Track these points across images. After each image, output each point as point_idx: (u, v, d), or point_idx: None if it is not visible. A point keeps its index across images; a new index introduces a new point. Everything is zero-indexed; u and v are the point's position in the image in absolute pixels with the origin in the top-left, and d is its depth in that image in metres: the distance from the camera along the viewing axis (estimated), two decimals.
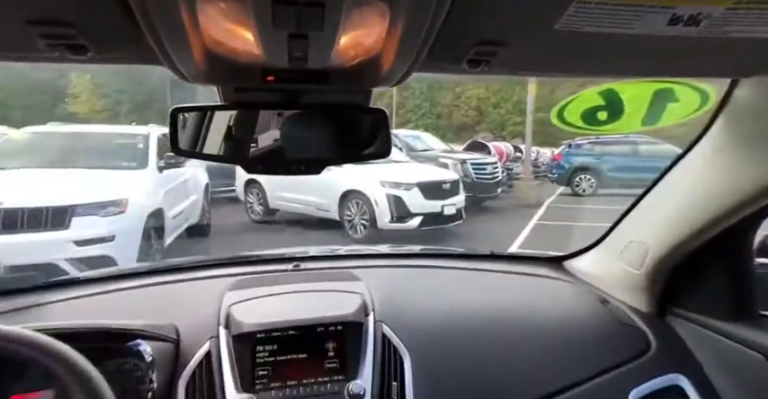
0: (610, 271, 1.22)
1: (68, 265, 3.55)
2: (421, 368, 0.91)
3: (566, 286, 1.27)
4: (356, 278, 1.11)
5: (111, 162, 4.62)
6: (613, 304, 1.17)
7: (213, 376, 0.83)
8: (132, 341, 0.81)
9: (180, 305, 1.00)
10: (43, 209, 3.57)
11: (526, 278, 1.29)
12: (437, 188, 6.09)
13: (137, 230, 3.98)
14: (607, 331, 1.08)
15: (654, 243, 1.05)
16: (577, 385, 0.96)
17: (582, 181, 10.86)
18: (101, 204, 3.81)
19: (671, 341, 1.07)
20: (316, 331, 0.91)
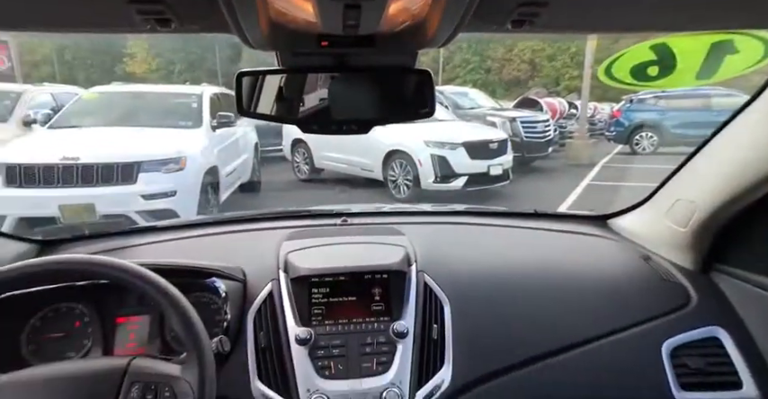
0: (655, 229, 1.22)
1: (138, 217, 3.88)
2: (460, 313, 0.98)
3: (608, 243, 1.28)
4: (400, 232, 1.18)
5: (169, 121, 4.86)
6: (656, 260, 1.18)
7: (276, 312, 0.95)
8: (209, 279, 0.94)
9: (244, 251, 1.11)
10: (114, 165, 3.87)
11: (568, 235, 1.31)
12: (483, 147, 5.96)
13: (195, 186, 4.24)
14: (647, 286, 1.10)
15: (702, 201, 1.05)
16: (611, 334, 1.00)
17: (642, 139, 10.14)
18: (162, 161, 4.07)
19: (712, 295, 1.08)
20: (363, 277, 1.00)
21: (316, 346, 0.91)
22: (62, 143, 4.22)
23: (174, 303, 0.69)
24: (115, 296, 0.94)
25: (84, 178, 3.79)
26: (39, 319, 0.91)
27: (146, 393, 0.64)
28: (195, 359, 0.67)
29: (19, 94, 5.77)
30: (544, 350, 0.97)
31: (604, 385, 0.96)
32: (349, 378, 0.88)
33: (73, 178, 3.77)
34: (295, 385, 0.87)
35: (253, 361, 0.90)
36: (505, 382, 0.93)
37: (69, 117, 4.87)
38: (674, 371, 0.96)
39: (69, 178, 3.76)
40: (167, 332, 0.94)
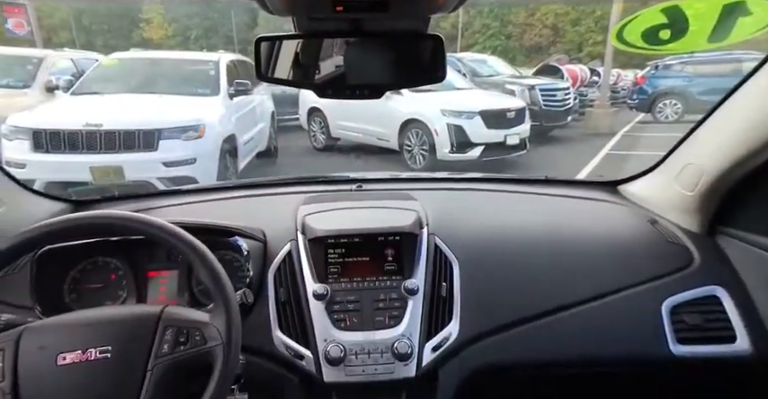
0: (664, 194, 1.24)
1: (159, 184, 3.99)
2: (468, 273, 1.03)
3: (617, 208, 1.31)
4: (413, 198, 1.22)
5: (187, 88, 4.88)
6: (663, 224, 1.21)
7: (295, 270, 1.01)
8: (232, 238, 1.00)
9: (264, 214, 1.17)
10: (135, 132, 3.95)
11: (578, 201, 1.34)
12: (501, 116, 5.87)
13: (214, 154, 4.31)
14: (652, 248, 1.13)
15: (709, 165, 1.06)
16: (614, 293, 1.04)
17: (665, 107, 9.72)
18: (182, 128, 4.13)
19: (715, 257, 1.11)
20: (377, 239, 1.04)
21: (332, 301, 0.97)
22: (85, 109, 4.31)
23: (202, 257, 0.75)
24: (146, 252, 1.01)
25: (107, 144, 3.89)
26: (78, 271, 0.99)
27: (179, 336, 0.71)
28: (222, 307, 0.74)
29: (40, 60, 5.85)
30: (548, 307, 1.02)
31: (604, 340, 1.01)
32: (363, 330, 0.95)
33: (97, 144, 3.87)
34: (313, 335, 0.94)
35: (274, 313, 0.97)
36: (509, 336, 0.99)
37: (91, 83, 4.94)
38: (672, 327, 1.01)
39: (93, 144, 3.87)
40: (194, 286, 1.01)
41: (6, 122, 3.94)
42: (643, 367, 1.03)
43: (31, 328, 0.70)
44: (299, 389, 0.93)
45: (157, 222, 0.75)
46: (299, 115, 7.36)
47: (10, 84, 5.60)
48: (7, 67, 5.86)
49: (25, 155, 3.76)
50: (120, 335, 0.70)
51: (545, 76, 9.43)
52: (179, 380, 0.71)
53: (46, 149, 3.82)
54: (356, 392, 0.94)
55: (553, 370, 1.03)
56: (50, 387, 0.66)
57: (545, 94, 7.71)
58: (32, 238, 0.73)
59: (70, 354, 0.67)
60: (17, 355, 0.67)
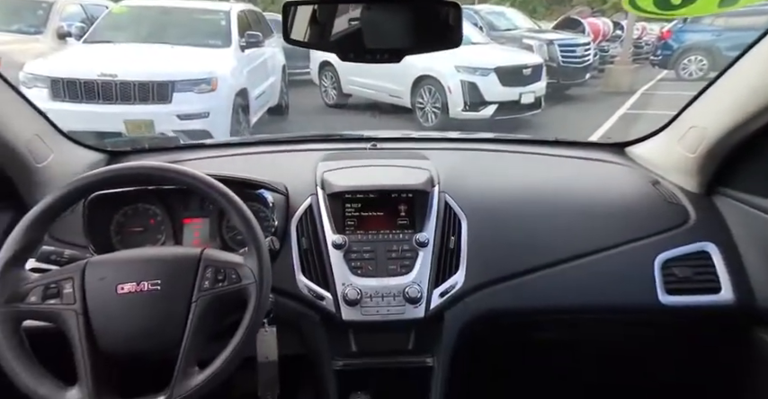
0: (668, 156, 1.29)
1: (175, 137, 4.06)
2: (475, 228, 1.11)
3: (622, 169, 1.36)
4: (425, 157, 1.28)
5: (198, 39, 4.82)
6: (664, 185, 1.27)
7: (315, 221, 1.10)
8: (258, 190, 1.08)
9: (285, 170, 1.24)
10: (149, 84, 3.97)
11: (585, 162, 1.39)
12: (516, 73, 5.73)
13: (227, 108, 4.32)
14: (651, 207, 1.19)
15: (711, 128, 1.10)
16: (611, 248, 1.12)
17: (690, 64, 9.28)
18: (195, 81, 4.13)
19: (710, 215, 1.17)
20: (391, 196, 1.12)
21: (349, 250, 1.06)
22: (99, 59, 4.31)
23: (234, 205, 0.83)
24: (180, 200, 1.10)
25: (123, 95, 3.92)
26: (121, 215, 1.09)
27: (217, 275, 0.80)
28: (254, 251, 0.83)
29: (50, 5, 5.74)
30: (548, 260, 1.10)
31: (598, 291, 1.10)
32: (377, 277, 1.05)
33: (113, 95, 3.91)
34: (332, 279, 1.04)
35: (297, 260, 1.07)
36: (511, 285, 1.08)
37: (102, 31, 4.89)
38: (662, 279, 1.09)
39: (109, 94, 3.91)
40: (225, 233, 1.11)
41: (24, 69, 3.97)
42: (632, 315, 1.12)
43: (92, 262, 0.80)
44: (320, 325, 1.05)
45: (193, 173, 0.83)
46: (310, 69, 7.23)
47: (22, 30, 5.56)
48: (18, 12, 5.79)
49: (44, 104, 3.81)
50: (167, 271, 0.79)
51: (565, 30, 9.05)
52: (219, 312, 0.81)
53: (64, 98, 3.88)
54: (371, 329, 1.06)
55: (549, 316, 1.14)
56: (112, 312, 0.76)
57: (564, 50, 7.45)
58: (87, 185, 0.81)
59: (127, 285, 0.77)
60: (84, 283, 0.77)
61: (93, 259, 0.82)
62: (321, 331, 1.05)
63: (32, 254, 0.81)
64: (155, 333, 0.77)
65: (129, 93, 3.94)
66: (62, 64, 4.20)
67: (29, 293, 0.76)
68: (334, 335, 1.07)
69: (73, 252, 0.88)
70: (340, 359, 1.08)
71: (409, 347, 1.09)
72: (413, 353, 1.09)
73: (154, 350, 0.78)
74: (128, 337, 0.77)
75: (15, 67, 3.98)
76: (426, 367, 1.07)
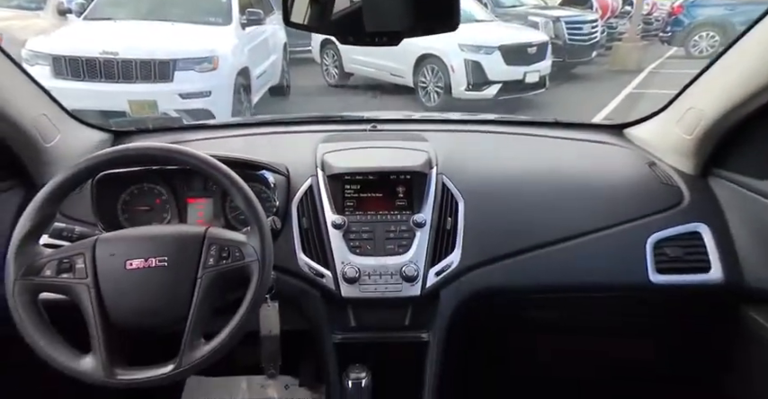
0: (665, 138, 1.31)
1: (177, 116, 4.07)
2: (472, 209, 1.14)
3: (619, 151, 1.38)
4: (424, 139, 1.30)
5: (199, 16, 4.76)
6: (660, 167, 1.28)
7: (315, 202, 1.13)
8: (259, 171, 1.11)
9: (285, 151, 1.26)
10: (151, 62, 3.95)
11: (583, 143, 1.41)
12: (521, 52, 5.64)
13: (228, 87, 4.31)
14: (646, 189, 1.22)
15: (709, 110, 1.11)
16: (604, 229, 1.15)
17: (701, 40, 9.00)
18: (196, 60, 4.11)
19: (704, 197, 1.20)
20: (389, 177, 1.14)
21: (348, 230, 1.10)
22: (100, 36, 4.28)
23: (237, 186, 0.86)
24: (184, 181, 1.13)
25: (125, 74, 3.91)
26: (128, 194, 1.12)
27: (221, 252, 0.84)
28: (256, 230, 0.86)
29: None
30: (543, 241, 1.13)
31: (590, 270, 1.13)
32: (375, 256, 1.08)
33: (115, 73, 3.90)
34: (332, 258, 1.07)
35: (298, 239, 1.10)
36: (505, 265, 1.12)
37: (102, 8, 4.83)
38: (654, 259, 1.12)
39: (111, 73, 3.90)
40: (228, 213, 1.15)
41: (26, 47, 3.95)
42: (623, 292, 1.15)
43: (102, 238, 0.84)
44: (320, 301, 1.09)
45: (197, 154, 0.85)
46: (312, 47, 7.12)
47: (22, 5, 5.50)
48: None
49: (47, 82, 3.80)
50: (173, 248, 0.83)
51: (573, 6, 8.82)
52: (223, 288, 0.85)
53: (66, 76, 3.87)
54: (369, 305, 1.10)
55: (541, 295, 1.17)
56: (122, 286, 0.80)
57: (570, 27, 7.28)
58: (96, 164, 0.84)
59: (135, 261, 0.81)
60: (94, 259, 0.81)
61: (103, 236, 0.85)
62: (321, 306, 1.09)
63: (46, 230, 0.85)
64: (162, 307, 0.81)
65: (131, 72, 3.93)
66: (64, 41, 4.17)
67: (43, 267, 0.80)
68: (334, 311, 1.12)
69: (83, 229, 0.93)
70: (339, 333, 1.12)
71: (406, 323, 1.14)
72: (409, 329, 1.14)
73: (162, 323, 0.83)
74: (137, 310, 0.81)
75: (17, 44, 3.97)
76: (422, 342, 1.12)
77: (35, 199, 0.81)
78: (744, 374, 1.21)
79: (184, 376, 0.79)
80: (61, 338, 0.80)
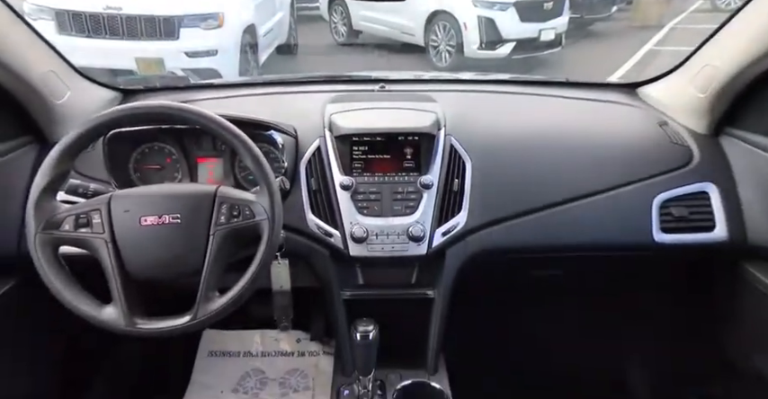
0: (679, 97, 1.28)
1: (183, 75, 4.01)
2: (479, 170, 1.14)
3: (631, 110, 1.36)
4: (433, 99, 1.28)
5: None
6: (672, 126, 1.27)
7: (323, 163, 1.13)
8: (268, 132, 1.11)
9: (293, 111, 1.26)
10: (155, 18, 3.85)
11: (594, 103, 1.38)
12: (537, 8, 5.38)
13: (235, 45, 4.21)
14: (656, 149, 1.21)
15: (724, 67, 1.09)
16: (611, 189, 1.15)
17: None
18: (201, 16, 3.99)
19: (714, 156, 1.19)
20: (397, 139, 1.14)
21: (356, 191, 1.11)
22: None
23: (246, 146, 0.87)
24: (194, 140, 1.14)
25: (129, 30, 3.83)
26: (139, 153, 1.14)
27: (232, 211, 0.86)
28: (266, 189, 0.87)
29: None
30: (550, 201, 1.14)
31: (595, 230, 1.14)
32: (383, 216, 1.10)
33: (119, 29, 3.83)
34: (340, 218, 1.09)
35: (306, 199, 1.12)
36: (511, 225, 1.13)
37: None
38: (659, 219, 1.13)
39: (115, 29, 3.82)
40: (237, 173, 1.16)
41: (28, 0, 3.87)
42: (626, 252, 1.17)
43: (116, 195, 0.86)
44: (329, 260, 1.12)
45: (207, 114, 0.86)
46: (319, 4, 6.87)
47: None
48: None
49: (52, 38, 3.71)
50: (186, 206, 0.85)
51: None
52: (235, 245, 0.88)
53: (71, 32, 3.80)
54: (376, 264, 1.13)
55: (546, 254, 1.19)
56: (138, 242, 0.83)
57: None
58: (109, 121, 0.85)
59: (150, 218, 0.83)
60: (110, 215, 0.83)
61: (117, 193, 0.87)
62: (330, 265, 1.12)
63: (61, 187, 0.87)
64: (177, 262, 0.85)
65: (135, 28, 3.85)
66: None
67: (62, 222, 0.83)
68: (343, 269, 1.15)
69: (97, 186, 0.95)
70: (348, 290, 1.17)
71: (412, 281, 1.18)
72: (415, 286, 1.17)
73: (177, 277, 0.86)
74: (153, 265, 0.84)
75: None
76: (427, 298, 1.16)
77: (49, 155, 0.83)
78: (740, 327, 1.24)
79: (200, 326, 0.84)
80: (83, 289, 0.84)
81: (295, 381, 1.70)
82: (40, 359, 1.27)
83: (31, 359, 1.23)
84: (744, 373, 1.23)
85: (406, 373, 1.19)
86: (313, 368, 1.74)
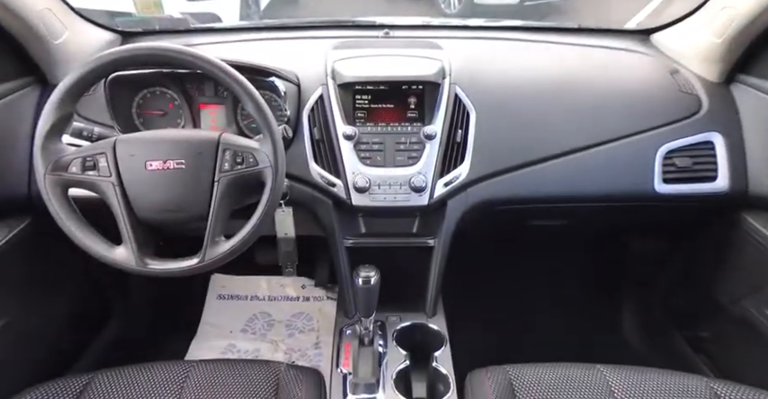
0: (693, 42, 1.25)
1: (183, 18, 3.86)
2: (484, 121, 1.13)
3: (641, 58, 1.32)
4: (439, 47, 1.24)
5: None
6: (683, 74, 1.24)
7: (326, 112, 1.12)
8: (270, 78, 1.09)
9: (295, 58, 1.22)
10: None
11: (605, 51, 1.34)
12: None
13: None
14: (664, 98, 1.18)
15: (744, 7, 1.05)
16: (616, 139, 1.14)
17: None
18: None
19: (724, 105, 1.17)
20: (401, 88, 1.12)
21: (359, 141, 1.11)
22: None
23: (247, 91, 0.86)
24: (195, 85, 1.13)
25: None
26: (141, 98, 1.13)
27: (235, 157, 0.86)
28: (268, 136, 0.87)
29: None
30: (554, 152, 1.14)
31: (597, 181, 1.14)
32: (385, 167, 1.10)
33: None
34: (343, 168, 1.10)
35: (309, 149, 1.12)
36: (514, 176, 1.13)
37: None
38: (662, 169, 1.13)
39: None
40: (240, 121, 1.16)
41: None
42: (627, 202, 1.17)
43: (121, 139, 0.87)
44: (332, 209, 1.14)
45: (209, 58, 0.84)
46: None
47: None
48: None
49: None
50: (190, 152, 0.86)
51: None
52: (239, 191, 0.90)
53: None
54: (379, 214, 1.15)
55: (547, 205, 1.19)
56: (144, 185, 0.85)
57: None
58: (111, 61, 0.83)
59: (155, 162, 0.85)
60: (116, 159, 0.85)
61: (122, 137, 0.88)
62: (333, 214, 1.14)
63: (66, 128, 0.87)
64: (183, 207, 0.87)
65: None
66: None
67: (69, 164, 0.84)
68: (345, 218, 1.18)
69: (101, 130, 0.96)
70: (350, 238, 1.20)
71: (413, 231, 1.20)
72: (416, 236, 1.20)
73: (184, 220, 0.89)
74: (160, 209, 0.86)
75: None
76: (428, 247, 1.19)
77: (51, 97, 0.82)
78: (733, 274, 1.27)
79: (208, 268, 0.87)
80: (95, 230, 0.87)
81: (300, 323, 1.80)
82: (56, 297, 1.34)
83: (47, 295, 1.30)
84: (732, 317, 1.28)
85: (406, 316, 1.25)
86: (317, 312, 1.83)
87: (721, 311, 1.32)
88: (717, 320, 1.39)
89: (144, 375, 0.93)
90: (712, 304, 1.35)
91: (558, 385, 0.90)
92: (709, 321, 1.44)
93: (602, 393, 0.88)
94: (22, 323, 1.18)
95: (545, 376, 0.91)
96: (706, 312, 1.44)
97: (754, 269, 1.16)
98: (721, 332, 1.39)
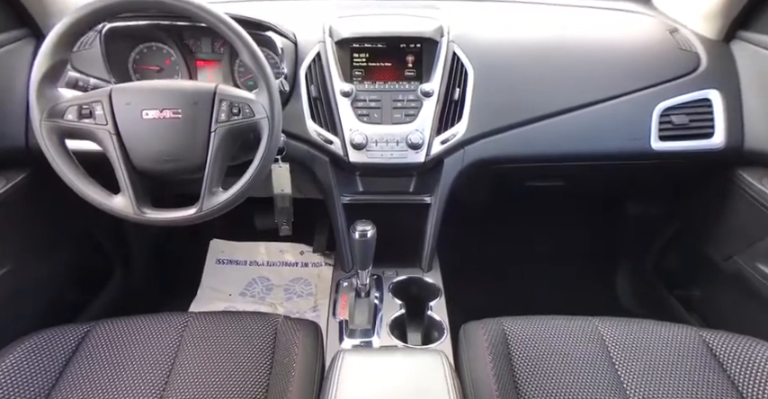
0: (694, 1, 1.24)
1: None
2: (481, 79, 1.13)
3: (641, 18, 1.32)
4: (437, 7, 1.24)
5: None
6: (682, 33, 1.24)
7: (323, 70, 1.12)
8: (267, 32, 1.08)
9: (293, 17, 1.21)
10: None
11: (605, 12, 1.34)
12: None
13: None
14: (663, 56, 1.18)
15: None
16: (614, 98, 1.14)
17: None
18: None
19: (722, 62, 1.17)
20: (399, 46, 1.11)
21: (356, 99, 1.11)
22: None
23: (244, 40, 0.85)
24: (192, 41, 1.12)
25: None
26: (138, 53, 1.13)
27: (232, 108, 0.86)
28: (265, 88, 0.87)
29: None
30: (551, 111, 1.14)
31: (593, 139, 1.15)
32: (382, 124, 1.10)
33: None
34: (340, 125, 1.10)
35: (306, 106, 1.12)
36: (511, 135, 1.14)
37: None
38: (658, 127, 1.13)
39: None
40: (237, 78, 1.15)
41: None
42: (623, 161, 1.18)
43: (116, 88, 0.87)
44: (330, 166, 1.15)
45: (207, 7, 0.83)
46: None
47: None
48: None
49: None
50: (186, 102, 0.86)
51: None
52: (236, 142, 0.90)
53: None
54: (376, 170, 1.16)
55: (544, 163, 1.20)
56: (141, 134, 0.85)
57: None
58: (105, 7, 0.82)
59: (151, 111, 0.85)
60: (112, 107, 0.85)
61: (117, 86, 0.87)
62: (331, 171, 1.15)
63: (61, 75, 0.87)
64: (180, 156, 0.87)
65: None
66: None
67: (65, 111, 0.84)
68: (343, 177, 1.19)
69: (97, 81, 0.96)
70: (348, 195, 1.21)
71: (410, 189, 1.22)
72: (413, 193, 1.22)
73: (181, 171, 0.89)
74: (157, 158, 0.87)
75: None
76: (424, 204, 1.21)
77: (45, 41, 0.82)
78: (727, 230, 1.29)
79: (205, 218, 0.88)
80: (93, 180, 0.88)
81: (299, 288, 1.83)
82: (57, 251, 1.35)
83: (47, 248, 1.31)
84: (724, 274, 1.30)
85: (402, 271, 1.27)
86: (316, 277, 1.85)
87: (713, 269, 1.34)
88: (709, 278, 1.42)
89: (144, 324, 0.96)
90: (705, 262, 1.37)
91: (551, 336, 0.92)
92: (702, 279, 1.46)
93: (594, 343, 0.91)
94: (23, 273, 1.20)
95: (539, 328, 0.94)
96: (698, 271, 1.46)
97: (748, 224, 1.18)
98: (713, 289, 1.42)
